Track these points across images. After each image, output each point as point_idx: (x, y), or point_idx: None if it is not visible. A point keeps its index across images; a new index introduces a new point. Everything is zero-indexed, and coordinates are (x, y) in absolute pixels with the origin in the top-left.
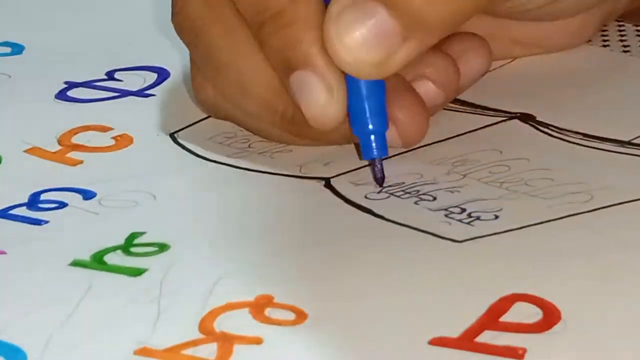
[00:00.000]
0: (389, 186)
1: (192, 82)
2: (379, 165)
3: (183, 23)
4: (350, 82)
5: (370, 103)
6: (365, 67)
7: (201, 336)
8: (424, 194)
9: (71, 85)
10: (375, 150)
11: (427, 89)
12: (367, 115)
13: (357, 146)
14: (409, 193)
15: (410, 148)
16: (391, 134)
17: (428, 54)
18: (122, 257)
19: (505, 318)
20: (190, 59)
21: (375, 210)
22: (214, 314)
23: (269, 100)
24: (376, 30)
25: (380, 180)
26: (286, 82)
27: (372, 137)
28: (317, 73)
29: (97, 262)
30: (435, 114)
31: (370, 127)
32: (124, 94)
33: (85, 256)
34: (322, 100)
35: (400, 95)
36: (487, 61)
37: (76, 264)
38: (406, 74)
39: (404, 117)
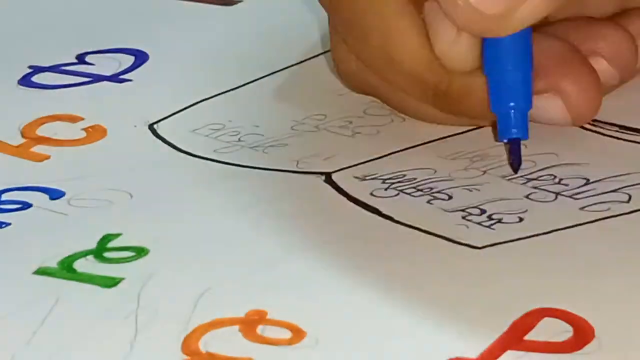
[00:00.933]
0: (398, 182)
1: (333, 52)
2: (517, 148)
3: None
4: (488, 50)
5: (511, 76)
6: (481, 20)
7: (185, 358)
8: (438, 192)
9: (36, 69)
10: (513, 130)
11: (599, 67)
12: (509, 90)
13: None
14: (421, 190)
15: (577, 124)
16: (560, 109)
17: (602, 26)
18: (94, 263)
19: (531, 336)
20: (330, 25)
21: (382, 210)
22: (199, 332)
23: (419, 72)
24: None
25: (515, 166)
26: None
27: (512, 114)
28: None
29: (66, 269)
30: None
31: (512, 103)
32: (97, 79)
33: (52, 263)
34: (449, 35)
35: (571, 65)
36: None
37: (42, 272)
38: (577, 47)
39: (574, 90)
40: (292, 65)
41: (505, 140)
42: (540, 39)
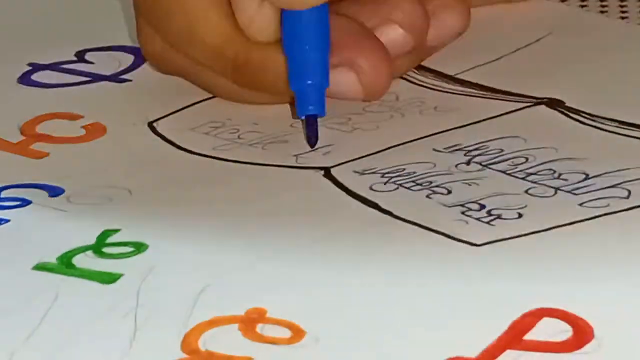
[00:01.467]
0: (397, 176)
1: (139, 35)
2: (313, 125)
3: None
4: (287, 28)
5: (310, 55)
6: None
7: (184, 356)
8: (437, 186)
9: (36, 67)
10: (311, 106)
11: (395, 33)
12: (307, 68)
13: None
14: (420, 184)
15: (368, 99)
16: (353, 83)
17: None
18: (93, 258)
19: (530, 336)
20: (135, 6)
21: (381, 205)
22: (198, 330)
23: (218, 46)
24: None
25: (312, 141)
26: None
27: (309, 91)
28: None
29: (65, 265)
30: (408, 69)
31: (309, 81)
32: (96, 78)
33: (51, 258)
34: (251, 9)
35: (364, 42)
36: (463, 18)
37: (41, 267)
38: (370, 18)
39: (367, 65)
40: None
41: (303, 117)
42: (334, 17)
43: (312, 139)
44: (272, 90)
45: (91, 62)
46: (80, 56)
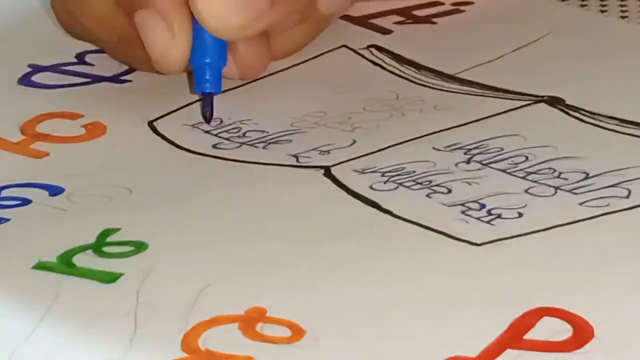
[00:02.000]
0: (397, 175)
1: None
2: (209, 101)
3: None
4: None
5: (210, 35)
6: (228, 30)
7: (184, 355)
8: (437, 185)
9: (36, 69)
10: (208, 84)
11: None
12: (206, 47)
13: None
14: (420, 184)
15: (244, 78)
16: (230, 65)
17: None
18: (94, 258)
19: (530, 335)
20: None
21: (381, 204)
22: (198, 329)
23: (104, 15)
24: None
25: (208, 118)
26: (132, 21)
27: (208, 70)
28: (159, 13)
29: (65, 264)
30: (296, 50)
31: (208, 60)
32: (96, 79)
33: (51, 257)
34: (163, 43)
35: None
36: None
37: (41, 266)
38: None
39: (241, 45)
40: (292, 67)
41: (200, 94)
42: None
43: (207, 115)
44: (149, 68)
45: (91, 64)
46: (81, 58)
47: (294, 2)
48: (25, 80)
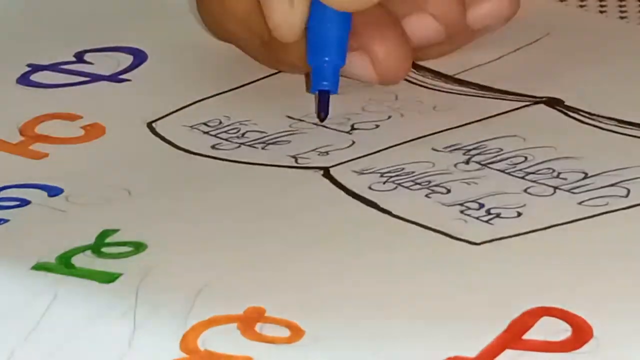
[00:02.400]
0: (396, 176)
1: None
2: (325, 100)
3: None
4: (314, 8)
5: (331, 33)
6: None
7: (183, 355)
8: (436, 186)
9: (35, 68)
10: (325, 82)
11: (424, 22)
12: (325, 45)
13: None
14: (419, 184)
15: (383, 83)
16: (367, 67)
17: None
18: (93, 258)
19: (529, 335)
20: None
21: (380, 204)
22: (197, 329)
23: (245, 17)
24: None
25: (322, 116)
26: None
27: (325, 68)
28: None
29: (64, 265)
30: (441, 56)
31: (326, 58)
32: (95, 78)
33: (50, 258)
34: (282, 11)
35: (382, 29)
36: (507, 3)
37: (40, 267)
38: (402, 6)
39: (381, 50)
40: None
41: (317, 92)
42: None
43: (322, 114)
44: (294, 69)
45: (90, 63)
46: (79, 57)
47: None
48: (24, 80)
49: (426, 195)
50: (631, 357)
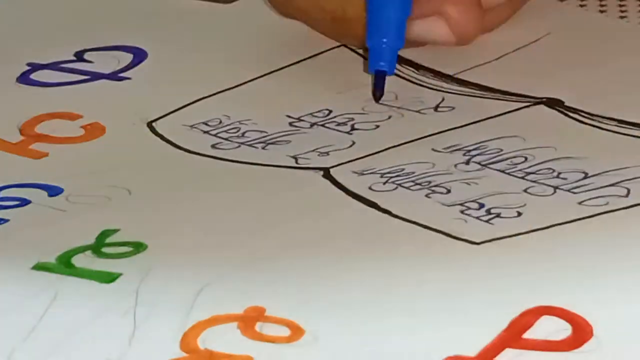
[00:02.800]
0: (397, 176)
1: None
2: (381, 81)
3: None
4: None
5: (390, 15)
6: None
7: (183, 354)
8: (436, 186)
9: (35, 67)
10: (382, 63)
11: None
12: (383, 27)
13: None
14: (419, 184)
15: (461, 43)
16: (444, 30)
17: None
18: (93, 258)
19: (530, 334)
20: None
21: (380, 204)
22: (197, 328)
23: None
24: None
25: (377, 95)
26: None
27: (383, 49)
28: None
29: (64, 265)
30: (504, 20)
31: (385, 39)
32: (95, 77)
33: (51, 258)
34: None
35: None
36: None
37: (40, 267)
38: None
39: (455, 11)
40: (291, 65)
41: (373, 72)
42: None
43: (377, 93)
44: (363, 43)
45: (90, 62)
46: (79, 55)
47: None
48: (24, 79)
49: (426, 196)
50: (631, 357)
